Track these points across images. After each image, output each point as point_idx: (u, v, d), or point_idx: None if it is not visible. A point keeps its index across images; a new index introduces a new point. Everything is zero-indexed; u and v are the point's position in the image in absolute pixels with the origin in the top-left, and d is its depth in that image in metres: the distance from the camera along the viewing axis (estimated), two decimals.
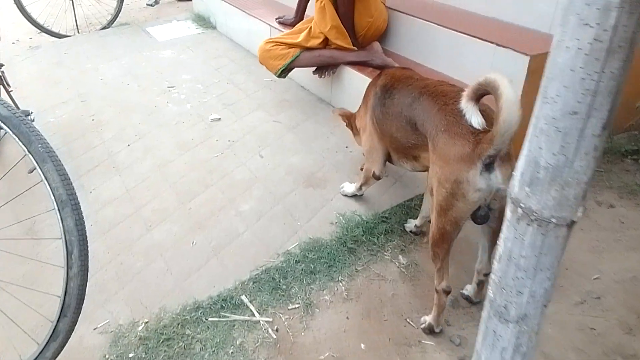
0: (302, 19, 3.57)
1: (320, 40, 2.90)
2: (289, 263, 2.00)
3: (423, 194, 2.29)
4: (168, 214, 2.30)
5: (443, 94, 1.61)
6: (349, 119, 2.35)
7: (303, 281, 1.94)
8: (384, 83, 1.93)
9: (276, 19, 3.66)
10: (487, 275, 1.76)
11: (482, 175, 1.41)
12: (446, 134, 1.50)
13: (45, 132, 2.95)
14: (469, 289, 1.86)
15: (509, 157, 1.43)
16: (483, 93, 1.39)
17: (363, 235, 2.10)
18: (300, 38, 2.91)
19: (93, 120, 3.13)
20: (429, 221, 2.07)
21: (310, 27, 2.92)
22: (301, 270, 1.97)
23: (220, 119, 3.05)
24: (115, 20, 4.87)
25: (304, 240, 2.10)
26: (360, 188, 2.24)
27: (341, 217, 2.21)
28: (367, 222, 2.15)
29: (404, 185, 2.39)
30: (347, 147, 2.72)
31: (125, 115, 3.15)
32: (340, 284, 1.93)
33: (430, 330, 1.73)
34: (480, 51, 2.57)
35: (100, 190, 2.51)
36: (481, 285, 1.81)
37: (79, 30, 4.83)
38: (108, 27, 4.82)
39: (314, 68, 3.03)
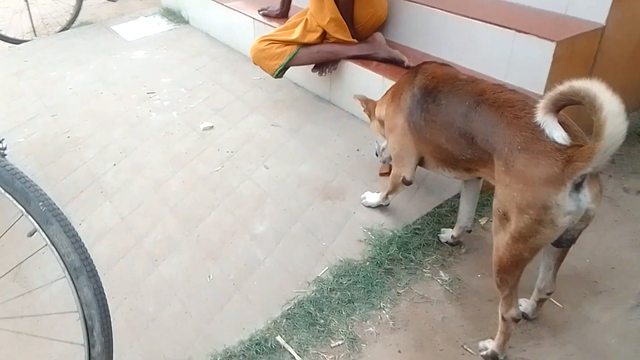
0: (288, 10, 3.31)
1: (319, 34, 2.66)
2: (322, 292, 1.79)
3: (454, 200, 2.12)
4: (174, 244, 2.05)
5: (508, 104, 1.40)
6: (367, 105, 2.15)
7: (342, 312, 1.74)
8: (424, 83, 1.72)
9: (259, 11, 3.39)
10: (549, 294, 1.60)
11: (571, 196, 1.23)
12: (525, 153, 1.30)
13: (16, 155, 2.63)
14: (525, 305, 1.69)
15: (596, 173, 1.25)
16: (566, 104, 1.21)
17: (398, 252, 1.90)
18: (296, 34, 2.66)
19: (69, 137, 2.80)
20: (468, 231, 1.91)
21: (306, 20, 2.67)
22: (337, 300, 1.77)
23: (212, 126, 2.78)
24: (75, 19, 4.46)
25: (334, 264, 1.89)
26: (386, 197, 2.04)
27: (369, 233, 2.01)
28: (399, 237, 1.96)
29: (429, 190, 2.20)
30: (358, 149, 2.51)
31: (104, 130, 2.84)
32: (384, 312, 1.74)
33: (493, 358, 1.56)
34: (497, 38, 2.39)
35: (91, 221, 2.23)
36: (541, 303, 1.65)
37: (37, 34, 4.40)
38: (68, 28, 4.41)
39: (312, 65, 2.79)
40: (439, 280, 1.86)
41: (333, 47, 2.69)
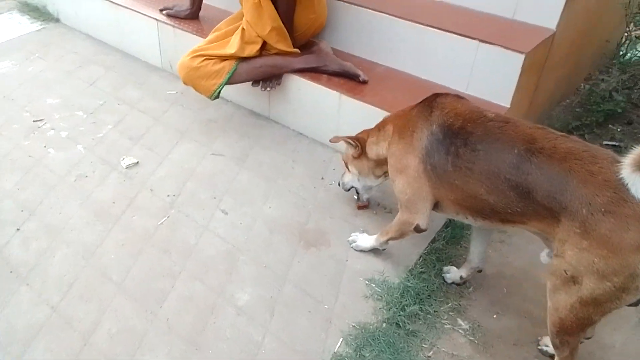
0: (199, 10, 2.85)
1: (259, 46, 2.30)
2: None
3: (443, 230, 1.97)
4: (139, 338, 1.61)
5: (574, 156, 1.25)
6: (361, 143, 1.86)
7: None
8: (446, 122, 1.50)
9: (162, 10, 2.86)
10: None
11: None
12: (612, 216, 1.16)
13: None
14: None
15: None
16: None
17: (414, 305, 1.71)
18: (233, 47, 2.25)
19: None
20: (479, 271, 1.78)
21: (243, 30, 2.27)
22: None
23: (137, 162, 2.28)
24: None
25: (348, 332, 1.64)
26: (386, 242, 1.82)
27: (373, 285, 1.78)
28: (409, 287, 1.76)
29: None
30: (322, 178, 2.24)
31: None
32: None
33: None
34: (458, 48, 2.25)
35: (9, 318, 1.67)
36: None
37: None
38: None
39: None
40: (460, 331, 1.70)
41: (276, 60, 2.34)
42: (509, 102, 2.21)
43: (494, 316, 1.77)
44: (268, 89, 2.40)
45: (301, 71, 2.38)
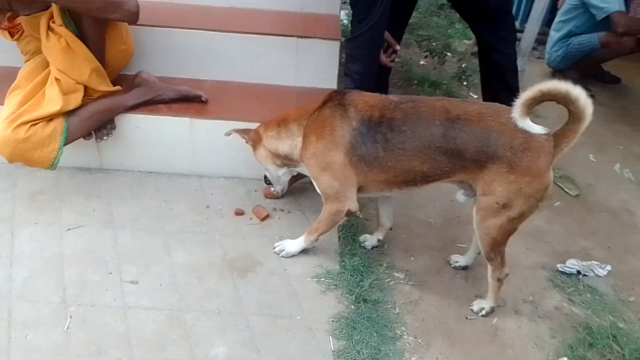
0: None
1: (82, 93, 2.04)
2: None
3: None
4: None
5: (485, 115, 1.58)
6: (249, 134, 2.01)
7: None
8: (365, 117, 1.68)
9: None
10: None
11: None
12: (527, 151, 1.53)
13: None
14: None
15: None
16: (535, 104, 1.50)
17: (365, 279, 1.90)
18: (54, 102, 1.94)
19: None
20: (390, 229, 2.08)
21: (57, 81, 1.96)
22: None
23: None
24: None
25: (331, 329, 1.72)
26: (317, 239, 1.93)
27: (323, 279, 1.89)
28: (349, 267, 1.93)
29: (306, 208, 2.18)
30: (207, 206, 2.17)
31: None
32: (410, 338, 1.77)
33: (492, 312, 1.86)
34: (280, 47, 2.43)
35: None
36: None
37: None
38: None
39: None
40: (401, 282, 1.97)
41: (106, 103, 2.10)
42: (335, 85, 2.51)
43: (412, 258, 2.10)
44: (105, 137, 2.14)
45: (135, 107, 2.19)
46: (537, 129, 1.53)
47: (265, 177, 2.13)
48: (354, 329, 1.73)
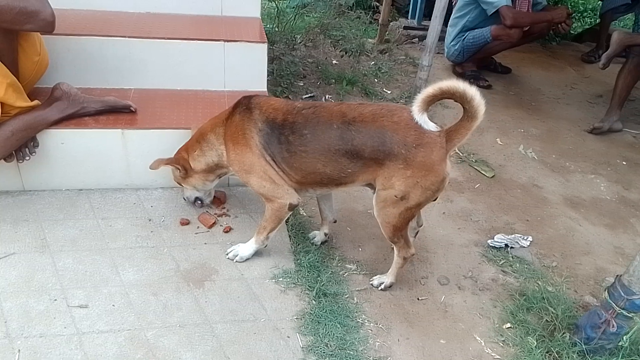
0: None
1: None
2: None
3: None
4: None
5: (378, 115, 1.67)
6: (184, 164, 1.97)
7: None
8: (270, 118, 1.76)
9: None
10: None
11: (448, 162, 1.69)
12: (421, 147, 1.63)
13: None
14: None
15: None
16: (433, 102, 1.62)
17: (321, 274, 1.95)
18: None
19: None
20: (334, 221, 2.17)
21: None
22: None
23: None
24: None
25: (297, 326, 1.75)
26: (267, 238, 1.94)
27: (281, 279, 1.91)
28: (305, 263, 1.97)
29: (251, 211, 2.19)
30: (150, 219, 2.10)
31: None
32: (371, 324, 1.85)
33: (390, 287, 1.98)
34: (206, 53, 2.41)
35: None
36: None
37: None
38: None
39: None
40: (354, 272, 2.06)
41: (26, 120, 1.94)
42: (265, 87, 2.53)
43: (360, 249, 2.20)
44: (27, 158, 1.98)
45: (58, 122, 2.05)
46: (431, 125, 1.64)
47: (186, 198, 2.13)
48: (318, 323, 1.77)
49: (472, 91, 1.56)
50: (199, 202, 2.13)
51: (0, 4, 1.67)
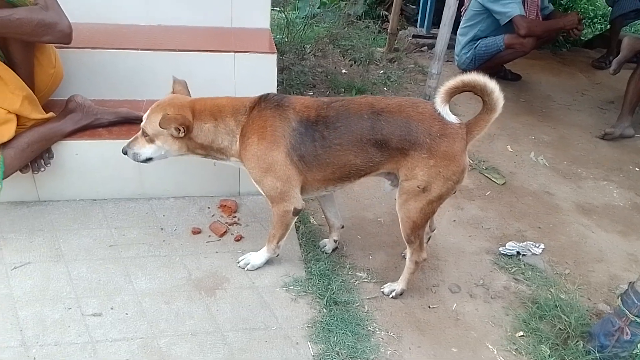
0: None
1: (14, 123, 1.92)
2: None
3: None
4: None
5: (405, 106, 1.72)
6: (188, 128, 1.79)
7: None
8: (303, 117, 1.76)
9: None
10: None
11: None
12: (444, 137, 1.68)
13: None
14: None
15: None
16: (456, 93, 1.66)
17: (332, 282, 1.96)
18: None
19: None
20: (342, 227, 2.16)
21: None
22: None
23: None
24: None
25: (308, 334, 1.76)
26: (277, 245, 1.95)
27: (292, 288, 1.92)
28: (315, 272, 1.98)
29: (262, 220, 2.20)
30: (162, 229, 2.12)
31: None
32: (383, 340, 1.85)
33: (401, 294, 1.99)
34: (217, 63, 2.44)
35: None
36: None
37: None
38: None
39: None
40: (365, 280, 2.06)
41: (41, 132, 1.99)
42: None
43: (370, 257, 2.20)
44: (42, 169, 2.02)
45: (73, 134, 2.09)
46: (452, 117, 1.69)
47: (138, 157, 1.85)
48: (329, 331, 1.78)
49: (492, 84, 1.62)
50: (147, 161, 1.87)
51: (20, 17, 1.72)
